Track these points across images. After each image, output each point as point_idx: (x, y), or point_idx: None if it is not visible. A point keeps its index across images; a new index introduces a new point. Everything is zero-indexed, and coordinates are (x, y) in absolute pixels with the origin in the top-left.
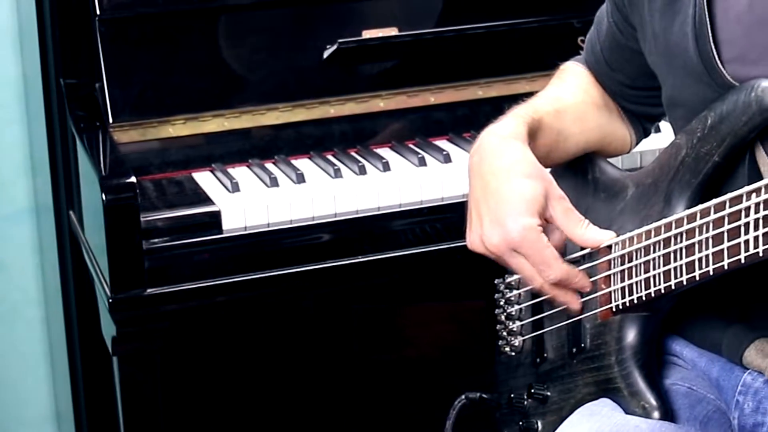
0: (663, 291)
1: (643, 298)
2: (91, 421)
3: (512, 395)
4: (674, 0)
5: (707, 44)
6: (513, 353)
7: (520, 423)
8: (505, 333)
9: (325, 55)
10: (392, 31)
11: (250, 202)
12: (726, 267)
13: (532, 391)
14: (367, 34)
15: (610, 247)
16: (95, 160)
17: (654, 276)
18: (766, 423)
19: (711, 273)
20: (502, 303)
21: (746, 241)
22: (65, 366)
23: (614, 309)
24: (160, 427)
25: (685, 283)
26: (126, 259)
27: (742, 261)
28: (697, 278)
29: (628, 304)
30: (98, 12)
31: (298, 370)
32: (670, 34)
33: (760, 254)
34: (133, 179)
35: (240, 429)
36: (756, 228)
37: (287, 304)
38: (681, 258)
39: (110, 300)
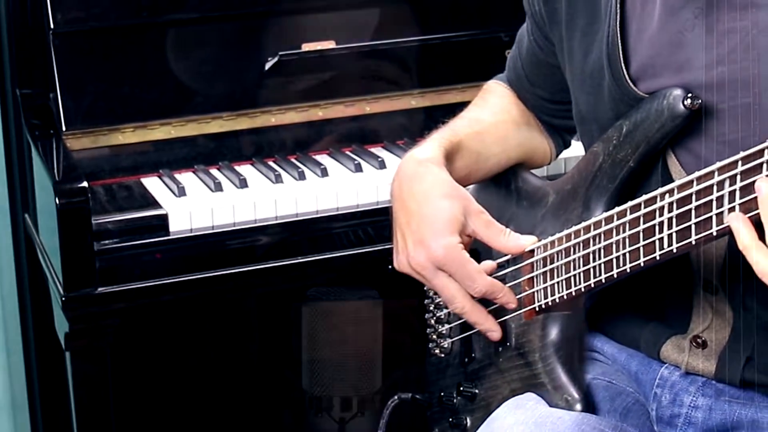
0: (583, 290)
1: (565, 297)
2: (45, 412)
3: (442, 394)
4: (594, 20)
5: (618, 63)
6: (443, 355)
7: (450, 420)
8: (435, 336)
9: (267, 67)
10: (330, 44)
11: (195, 205)
12: (642, 264)
13: (461, 389)
14: (306, 47)
15: (533, 251)
16: (49, 166)
17: (575, 276)
18: (683, 414)
19: (628, 270)
20: (431, 307)
21: (660, 239)
22: (21, 359)
23: (538, 309)
24: (110, 417)
25: (604, 281)
26: (78, 260)
27: (657, 258)
28: (615, 276)
29: (550, 304)
30: (52, 26)
31: (241, 365)
32: (590, 53)
33: (674, 251)
34: (85, 184)
35: (185, 420)
36: (669, 227)
37: (231, 303)
38: (600, 258)
39: (63, 298)
